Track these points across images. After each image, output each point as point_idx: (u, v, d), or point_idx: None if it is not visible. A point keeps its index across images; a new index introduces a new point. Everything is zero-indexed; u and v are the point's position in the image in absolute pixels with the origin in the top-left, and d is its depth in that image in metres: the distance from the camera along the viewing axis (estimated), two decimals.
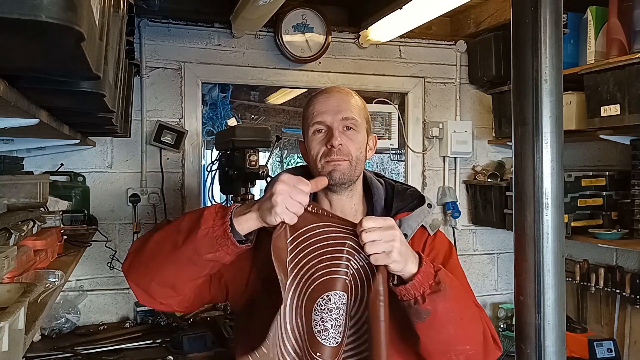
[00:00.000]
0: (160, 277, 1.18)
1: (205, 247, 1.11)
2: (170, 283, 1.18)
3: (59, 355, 2.32)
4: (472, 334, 1.18)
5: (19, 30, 0.53)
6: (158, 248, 1.18)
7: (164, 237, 1.18)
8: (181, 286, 1.19)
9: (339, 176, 1.25)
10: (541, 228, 0.79)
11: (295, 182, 1.09)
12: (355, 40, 3.14)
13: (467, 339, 1.18)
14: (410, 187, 1.36)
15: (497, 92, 3.12)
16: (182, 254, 1.13)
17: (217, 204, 1.19)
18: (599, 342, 2.68)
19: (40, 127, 1.11)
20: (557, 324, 0.79)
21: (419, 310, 1.11)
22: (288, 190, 1.07)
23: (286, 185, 1.08)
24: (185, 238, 1.13)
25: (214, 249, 1.10)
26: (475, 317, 1.21)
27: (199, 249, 1.11)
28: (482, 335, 1.20)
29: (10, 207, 1.52)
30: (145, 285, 1.20)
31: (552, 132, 0.79)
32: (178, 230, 1.16)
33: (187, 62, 2.87)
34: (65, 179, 2.66)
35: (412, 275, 1.10)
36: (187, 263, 1.14)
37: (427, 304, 1.10)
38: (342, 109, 1.27)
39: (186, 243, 1.12)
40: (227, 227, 1.10)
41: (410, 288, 1.10)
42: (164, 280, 1.18)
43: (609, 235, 2.60)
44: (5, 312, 0.77)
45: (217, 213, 1.12)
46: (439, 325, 1.13)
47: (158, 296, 1.21)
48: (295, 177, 1.10)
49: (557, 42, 0.79)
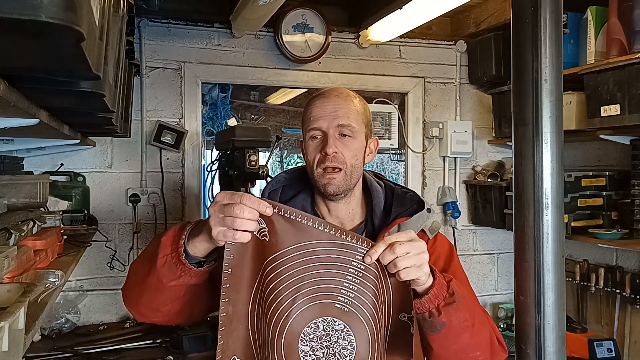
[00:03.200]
0: (144, 302, 1.18)
1: (167, 276, 1.08)
2: (154, 308, 1.18)
3: (59, 355, 2.32)
4: (482, 340, 1.18)
5: (19, 30, 0.53)
6: (134, 276, 1.19)
7: (138, 265, 1.18)
8: (164, 308, 1.18)
9: (334, 190, 1.23)
10: (541, 228, 0.79)
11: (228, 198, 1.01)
12: (355, 40, 3.14)
13: (478, 346, 1.17)
14: (409, 190, 1.34)
15: (497, 92, 3.12)
16: (151, 283, 1.11)
17: (178, 225, 1.12)
18: (599, 342, 2.68)
19: (40, 127, 1.11)
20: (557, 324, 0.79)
21: (434, 323, 1.09)
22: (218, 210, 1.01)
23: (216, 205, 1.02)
24: (149, 268, 1.10)
25: (176, 275, 1.08)
26: (484, 322, 1.20)
27: (162, 277, 1.08)
28: (489, 339, 1.20)
29: (10, 207, 1.52)
30: (136, 308, 1.21)
31: (552, 132, 0.79)
32: (145, 257, 1.15)
33: (187, 62, 2.87)
34: (65, 179, 2.66)
35: (426, 288, 1.08)
36: (156, 291, 1.12)
37: (443, 317, 1.08)
38: (339, 114, 1.24)
39: (151, 273, 1.10)
40: (181, 253, 1.06)
41: (425, 301, 1.08)
42: (148, 305, 1.18)
43: (609, 235, 2.60)
44: (5, 312, 0.77)
45: (174, 237, 1.08)
46: (454, 336, 1.11)
47: (149, 317, 1.22)
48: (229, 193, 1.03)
49: (557, 42, 0.79)
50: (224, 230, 1.00)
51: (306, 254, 1.04)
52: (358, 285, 1.04)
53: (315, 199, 1.32)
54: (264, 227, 1.04)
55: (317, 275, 1.04)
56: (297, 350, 1.03)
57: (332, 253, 1.04)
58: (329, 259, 1.04)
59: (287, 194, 1.33)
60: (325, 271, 1.04)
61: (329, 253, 1.04)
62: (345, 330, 1.04)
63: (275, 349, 1.02)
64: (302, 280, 1.03)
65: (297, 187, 1.34)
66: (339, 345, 1.04)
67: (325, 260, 1.04)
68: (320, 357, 1.04)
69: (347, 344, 1.04)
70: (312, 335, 1.04)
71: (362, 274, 1.04)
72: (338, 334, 1.04)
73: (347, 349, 1.04)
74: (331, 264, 1.04)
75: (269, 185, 1.34)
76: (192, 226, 1.09)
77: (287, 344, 1.03)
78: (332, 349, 1.04)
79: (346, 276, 1.04)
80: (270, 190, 1.32)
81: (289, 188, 1.34)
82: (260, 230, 1.04)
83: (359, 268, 1.04)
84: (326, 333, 1.04)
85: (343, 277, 1.03)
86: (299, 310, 1.03)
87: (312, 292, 1.04)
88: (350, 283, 1.04)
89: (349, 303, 1.04)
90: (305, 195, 1.32)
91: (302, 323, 1.03)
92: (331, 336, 1.04)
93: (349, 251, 1.04)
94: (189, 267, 1.07)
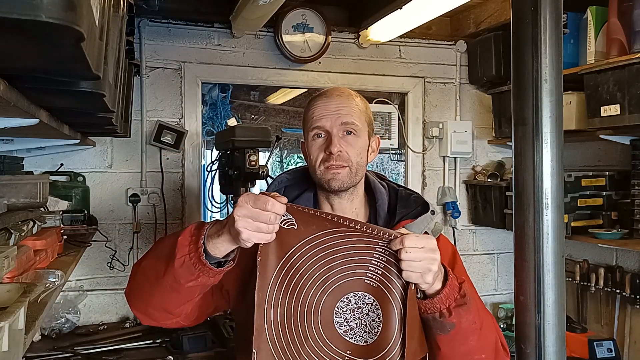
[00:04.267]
0: (153, 303, 1.17)
1: (185, 276, 1.07)
2: (164, 309, 1.17)
3: (59, 355, 2.32)
4: (488, 343, 1.19)
5: (19, 30, 0.53)
6: (144, 277, 1.17)
7: (149, 265, 1.16)
8: (176, 310, 1.18)
9: (339, 185, 1.23)
10: (541, 228, 0.79)
11: (253, 203, 1.01)
12: (355, 40, 3.14)
13: (484, 348, 1.18)
14: (413, 192, 1.33)
15: (497, 92, 3.12)
16: (165, 283, 1.10)
17: (193, 225, 1.11)
18: (599, 342, 2.69)
19: (40, 127, 1.11)
20: (557, 324, 0.79)
21: (444, 324, 1.09)
22: (248, 214, 1.01)
23: (244, 209, 1.01)
24: (165, 268, 1.09)
25: (194, 276, 1.07)
26: (490, 325, 1.21)
27: (179, 278, 1.07)
28: (494, 342, 1.21)
29: (10, 207, 1.52)
30: (143, 310, 1.20)
31: (552, 132, 0.79)
32: (158, 257, 1.13)
33: (187, 62, 2.87)
34: (65, 179, 2.66)
35: (437, 290, 1.09)
36: (172, 292, 1.11)
37: (453, 317, 1.09)
38: (342, 113, 1.23)
39: (167, 274, 1.08)
40: (201, 253, 1.05)
41: (436, 302, 1.09)
42: (158, 307, 1.17)
43: (609, 235, 2.60)
44: (5, 312, 0.77)
45: (192, 237, 1.07)
46: (462, 337, 1.12)
47: (157, 319, 1.21)
48: (253, 196, 1.03)
49: (557, 42, 0.79)
50: (254, 233, 1.02)
51: (335, 238, 1.11)
52: (383, 268, 1.11)
53: (318, 199, 1.32)
54: (289, 218, 1.10)
55: (346, 257, 1.11)
56: (332, 322, 1.12)
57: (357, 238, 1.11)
58: (354, 242, 1.11)
59: (290, 195, 1.32)
60: (354, 252, 1.11)
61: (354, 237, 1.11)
62: (374, 304, 1.11)
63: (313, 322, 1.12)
64: (333, 261, 1.11)
65: (300, 187, 1.34)
66: (369, 317, 1.11)
67: (351, 243, 1.11)
68: (354, 327, 1.11)
69: (375, 317, 1.11)
70: (345, 308, 1.11)
71: (386, 258, 1.11)
72: (368, 307, 1.11)
73: (375, 321, 1.11)
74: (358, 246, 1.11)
75: (272, 185, 1.34)
76: (210, 226, 1.09)
77: (324, 317, 1.11)
78: (364, 321, 1.11)
79: (372, 257, 1.11)
80: (273, 190, 1.32)
81: (291, 188, 1.34)
82: (286, 222, 1.10)
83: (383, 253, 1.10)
84: (358, 306, 1.11)
85: (370, 256, 1.11)
86: (332, 287, 1.11)
87: (342, 270, 1.11)
88: (378, 261, 1.11)
89: (377, 279, 1.11)
90: (308, 194, 1.32)
91: (337, 297, 1.12)
92: (362, 308, 1.11)
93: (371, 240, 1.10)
94: (209, 268, 1.06)
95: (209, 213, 3.16)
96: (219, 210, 3.12)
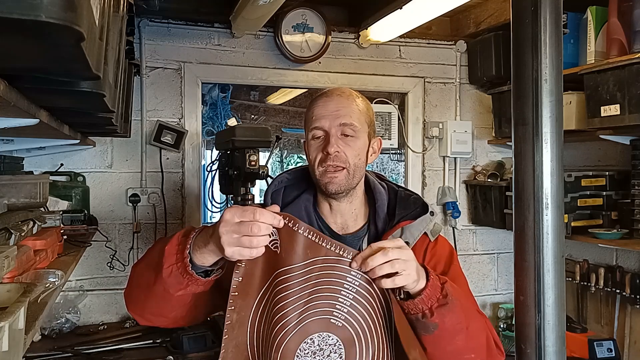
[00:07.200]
0: (148, 308, 1.18)
1: (174, 286, 1.07)
2: (160, 313, 1.18)
3: (59, 355, 2.32)
4: (477, 343, 1.18)
5: (19, 30, 0.53)
6: (138, 283, 1.18)
7: (141, 272, 1.17)
8: (172, 314, 1.18)
9: (336, 189, 1.22)
10: (541, 228, 0.79)
11: (240, 216, 1.00)
12: (355, 40, 3.14)
13: (472, 348, 1.17)
14: (413, 193, 1.33)
15: (497, 92, 3.12)
16: (157, 291, 1.10)
17: (180, 233, 1.10)
18: (599, 342, 2.68)
19: (40, 127, 1.11)
20: (557, 324, 0.79)
21: (427, 324, 1.10)
22: (232, 230, 1.00)
23: (229, 225, 1.00)
24: (155, 276, 1.09)
25: (182, 285, 1.07)
26: (479, 325, 1.20)
27: (168, 288, 1.08)
28: (485, 342, 1.20)
29: (10, 207, 1.52)
30: (140, 313, 1.21)
31: (552, 132, 0.79)
32: (148, 265, 1.13)
33: (187, 62, 2.87)
34: (65, 179, 2.66)
35: (420, 289, 1.09)
36: (163, 300, 1.12)
37: (435, 318, 1.09)
38: (341, 114, 1.23)
39: (157, 282, 1.09)
40: (187, 263, 1.05)
41: (418, 302, 1.09)
42: (153, 311, 1.18)
43: (609, 235, 2.60)
44: (5, 312, 0.77)
45: (178, 246, 1.07)
46: (447, 337, 1.12)
47: (155, 322, 1.22)
48: (240, 210, 1.01)
49: (557, 42, 0.79)
50: (239, 249, 1.00)
51: (311, 270, 1.08)
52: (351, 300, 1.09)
53: (317, 199, 1.31)
54: (276, 239, 1.07)
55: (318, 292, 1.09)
56: None
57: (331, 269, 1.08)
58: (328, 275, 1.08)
59: (290, 195, 1.32)
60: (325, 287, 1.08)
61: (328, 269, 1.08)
62: (337, 344, 1.09)
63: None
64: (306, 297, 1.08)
65: (300, 188, 1.33)
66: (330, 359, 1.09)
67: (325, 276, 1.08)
68: None
69: (337, 357, 1.09)
70: (307, 350, 1.09)
71: (355, 289, 1.09)
72: (330, 348, 1.09)
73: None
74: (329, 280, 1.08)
75: (272, 185, 1.33)
76: (195, 234, 1.08)
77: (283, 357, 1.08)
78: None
79: (340, 291, 1.08)
80: (273, 190, 1.32)
81: (291, 188, 1.34)
82: (272, 241, 1.07)
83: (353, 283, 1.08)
84: (320, 348, 1.09)
85: (338, 293, 1.08)
86: (299, 326, 1.08)
87: (312, 307, 1.09)
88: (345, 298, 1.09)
89: (343, 318, 1.09)
90: (307, 195, 1.31)
91: (301, 338, 1.08)
92: (324, 351, 1.09)
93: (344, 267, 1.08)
94: (196, 278, 1.06)
95: (209, 213, 3.16)
96: (219, 210, 3.12)
